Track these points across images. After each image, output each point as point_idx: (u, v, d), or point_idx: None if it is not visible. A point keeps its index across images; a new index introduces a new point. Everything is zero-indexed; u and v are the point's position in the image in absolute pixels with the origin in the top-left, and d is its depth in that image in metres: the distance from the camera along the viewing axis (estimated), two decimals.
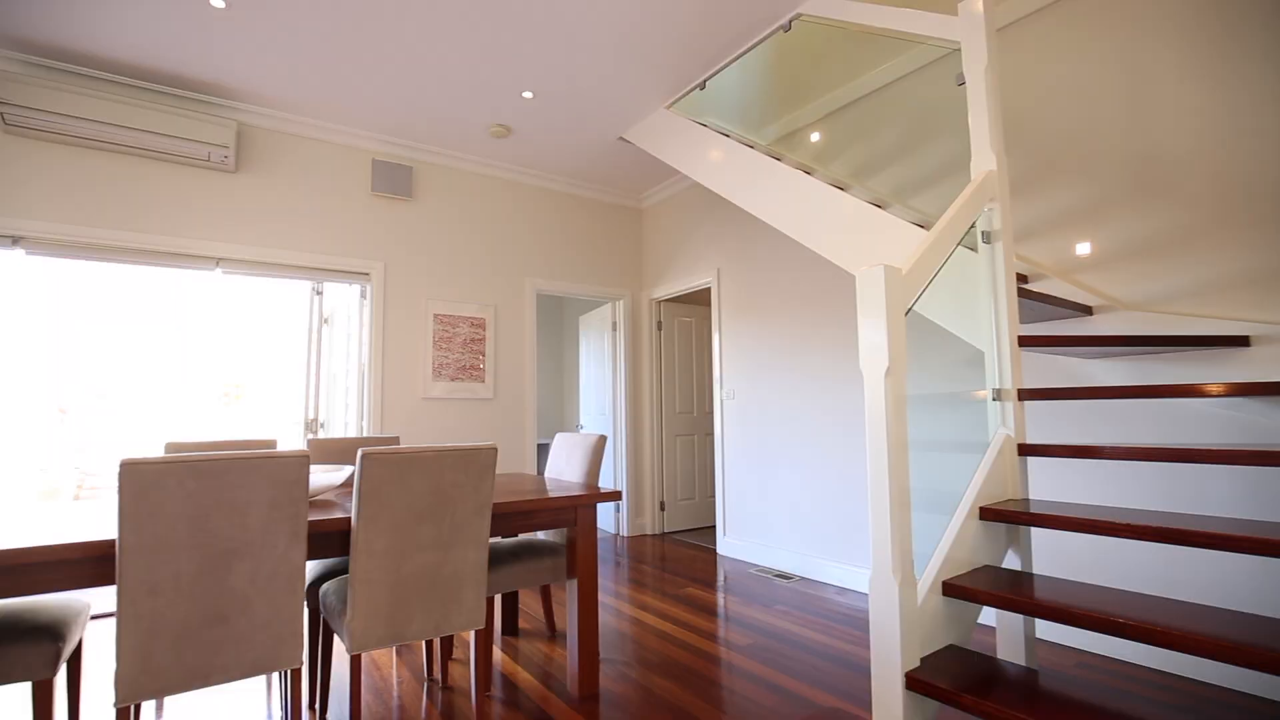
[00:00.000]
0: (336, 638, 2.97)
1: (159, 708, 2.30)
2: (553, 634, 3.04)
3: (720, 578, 3.99)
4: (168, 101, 3.66)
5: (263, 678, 2.55)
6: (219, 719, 2.22)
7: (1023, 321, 2.79)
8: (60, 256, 3.46)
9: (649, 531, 5.32)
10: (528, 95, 3.82)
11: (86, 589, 1.64)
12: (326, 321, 4.43)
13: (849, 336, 3.82)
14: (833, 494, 3.86)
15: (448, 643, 2.57)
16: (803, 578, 3.96)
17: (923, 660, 1.63)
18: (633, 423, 5.34)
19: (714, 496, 5.65)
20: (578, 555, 2.36)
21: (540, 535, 3.42)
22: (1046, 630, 2.84)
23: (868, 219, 2.66)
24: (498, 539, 2.83)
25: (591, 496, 2.36)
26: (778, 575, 4.02)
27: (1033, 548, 2.87)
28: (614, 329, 5.44)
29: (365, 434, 4.15)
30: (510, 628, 3.05)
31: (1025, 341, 2.08)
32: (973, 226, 2.09)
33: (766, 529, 4.31)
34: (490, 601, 2.24)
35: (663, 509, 5.35)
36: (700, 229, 4.97)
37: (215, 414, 6.97)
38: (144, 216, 3.61)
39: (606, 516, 5.53)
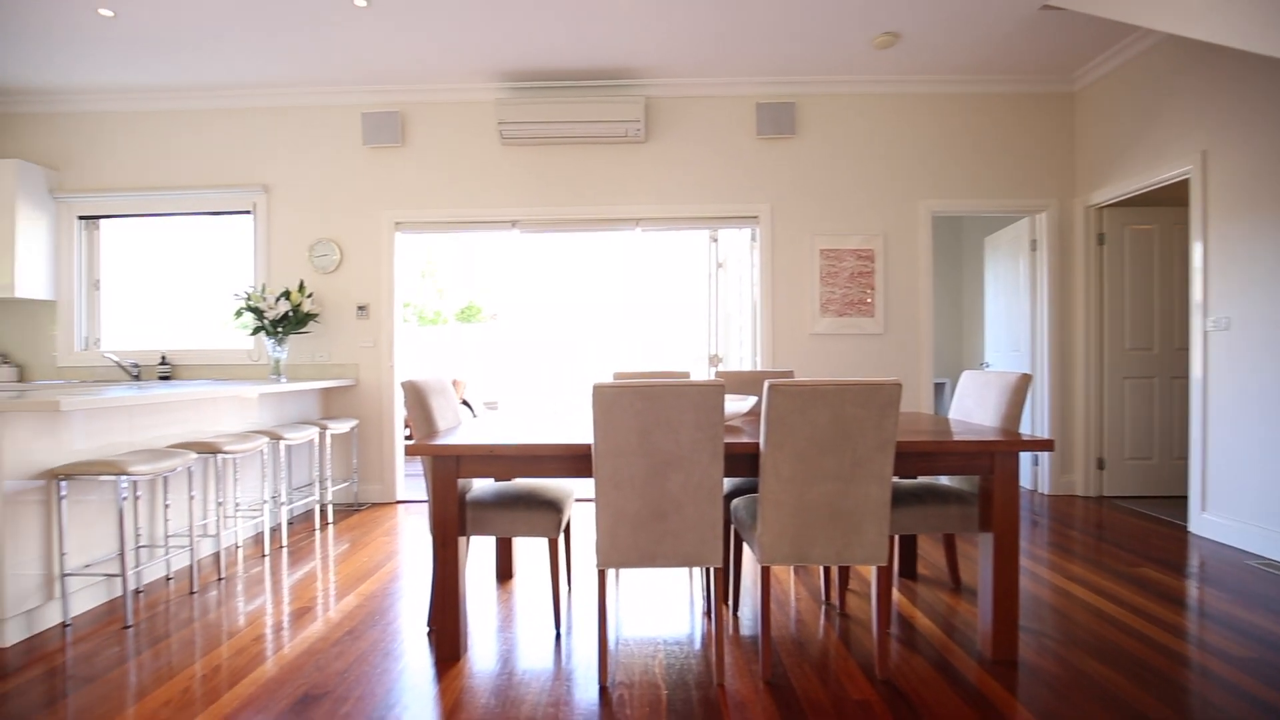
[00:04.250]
0: (746, 548, 3.33)
1: (617, 578, 2.96)
2: (956, 586, 2.81)
3: (1193, 563, 3.08)
4: (595, 93, 4.40)
5: (686, 571, 3.03)
6: (657, 596, 2.74)
7: None
8: (539, 232, 4.56)
9: (1079, 492, 4.43)
10: None
11: (571, 478, 2.18)
12: (721, 266, 4.84)
13: None
14: None
15: (845, 573, 2.62)
16: None
17: None
18: (1058, 361, 4.44)
19: (1184, 458, 4.34)
20: (995, 507, 2.10)
21: (944, 480, 3.17)
22: None
23: None
24: (896, 479, 2.72)
25: (1014, 443, 2.04)
26: None
27: None
28: (1032, 248, 4.54)
29: (757, 368, 4.44)
30: (907, 571, 2.94)
31: None
32: None
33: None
34: (890, 540, 2.17)
35: (1100, 467, 4.37)
36: (1170, 102, 3.69)
37: (639, 348, 8.44)
38: (584, 191, 4.48)
39: (1021, 469, 4.80)
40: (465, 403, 7.38)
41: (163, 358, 4.57)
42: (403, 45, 3.90)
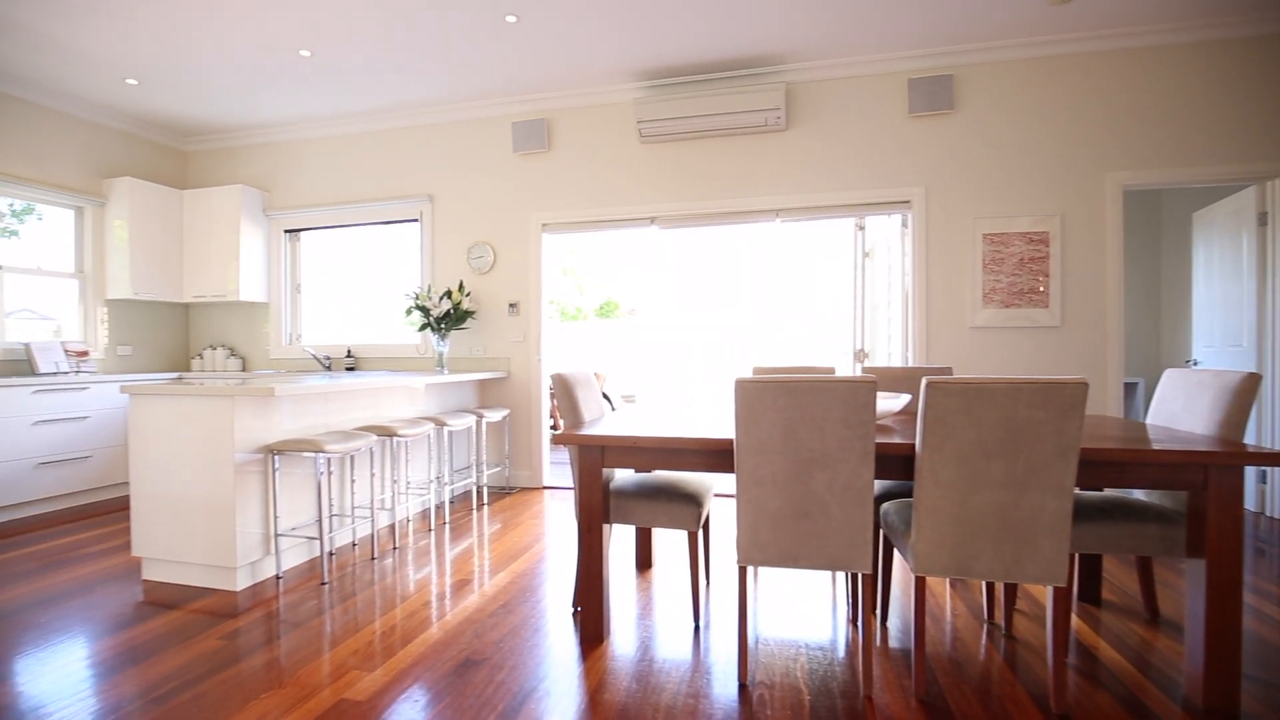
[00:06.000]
0: (897, 555, 3.13)
1: (756, 576, 2.90)
2: (1153, 617, 2.44)
3: None
4: (733, 84, 4.33)
5: (828, 575, 2.91)
6: (798, 599, 2.65)
7: None
8: (678, 227, 4.59)
9: None
10: None
11: (711, 473, 2.17)
12: (868, 255, 4.57)
13: None
14: None
15: (1012, 590, 2.37)
16: None
17: None
18: None
19: None
20: (1209, 529, 1.78)
21: (1137, 495, 2.76)
22: None
23: None
24: (1078, 491, 2.41)
25: (1237, 455, 1.72)
26: None
27: None
28: (1260, 223, 3.80)
29: (908, 364, 4.15)
30: (1089, 595, 2.60)
31: None
32: None
33: None
34: (1070, 559, 1.92)
35: None
36: None
37: (776, 343, 8.24)
38: (723, 184, 4.43)
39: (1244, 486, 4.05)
40: (605, 396, 7.64)
41: (348, 351, 5.21)
42: (548, 54, 4.09)
